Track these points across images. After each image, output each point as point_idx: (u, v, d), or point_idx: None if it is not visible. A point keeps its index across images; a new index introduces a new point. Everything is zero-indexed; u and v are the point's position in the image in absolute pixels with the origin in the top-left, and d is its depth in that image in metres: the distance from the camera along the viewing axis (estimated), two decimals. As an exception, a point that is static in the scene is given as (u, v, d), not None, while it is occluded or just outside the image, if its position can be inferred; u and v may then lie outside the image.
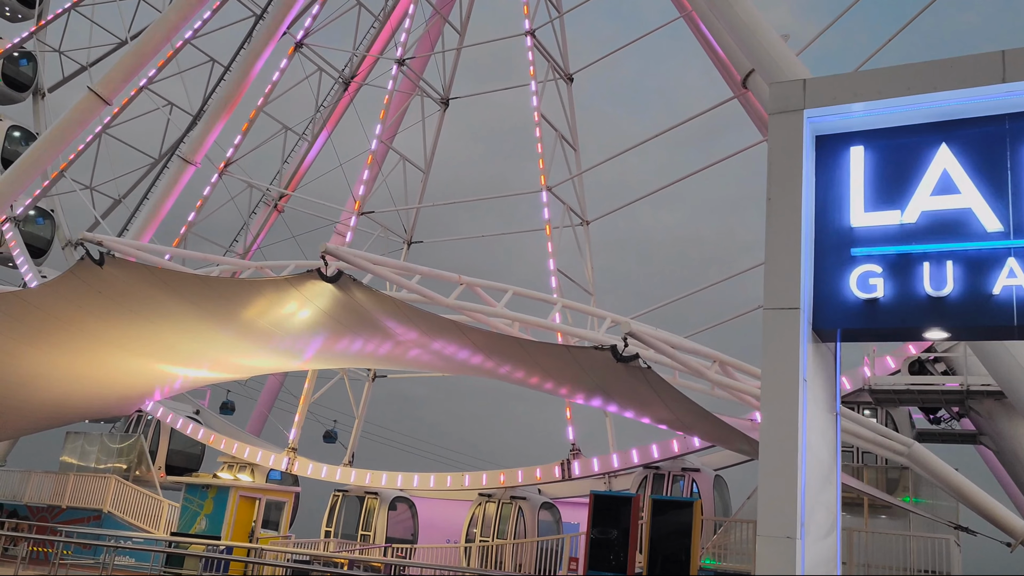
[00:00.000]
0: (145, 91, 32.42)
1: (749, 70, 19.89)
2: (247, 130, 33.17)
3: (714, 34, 21.61)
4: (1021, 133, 7.43)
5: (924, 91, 7.65)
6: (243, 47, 32.75)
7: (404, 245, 33.24)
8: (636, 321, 15.84)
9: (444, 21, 35.49)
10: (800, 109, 8.28)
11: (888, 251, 7.76)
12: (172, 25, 28.89)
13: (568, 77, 32.87)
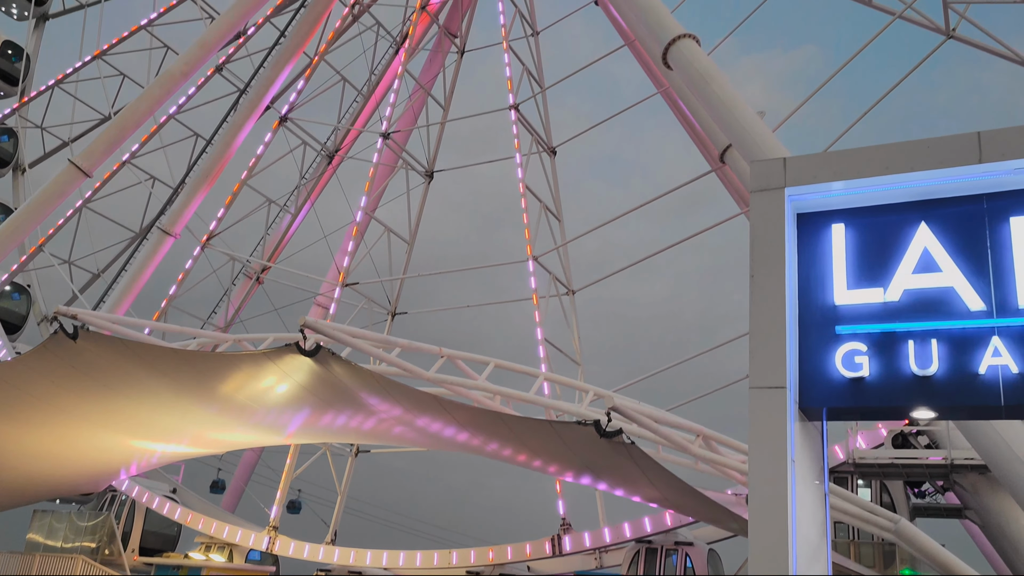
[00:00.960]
0: (127, 165, 32.45)
1: (726, 145, 20.20)
2: (230, 203, 33.18)
3: (691, 110, 21.99)
4: (999, 212, 7.50)
5: (902, 171, 7.73)
6: (225, 120, 32.96)
7: (388, 316, 33.06)
8: (619, 395, 15.67)
9: (428, 95, 36.00)
10: (781, 187, 8.34)
11: (872, 329, 7.74)
12: (155, 99, 29.01)
13: (551, 150, 33.27)
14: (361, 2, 32.73)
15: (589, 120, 32.06)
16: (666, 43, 19.98)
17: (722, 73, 18.81)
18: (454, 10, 33.94)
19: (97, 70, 34.84)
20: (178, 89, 29.74)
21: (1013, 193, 7.46)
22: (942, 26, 24.77)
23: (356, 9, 33.12)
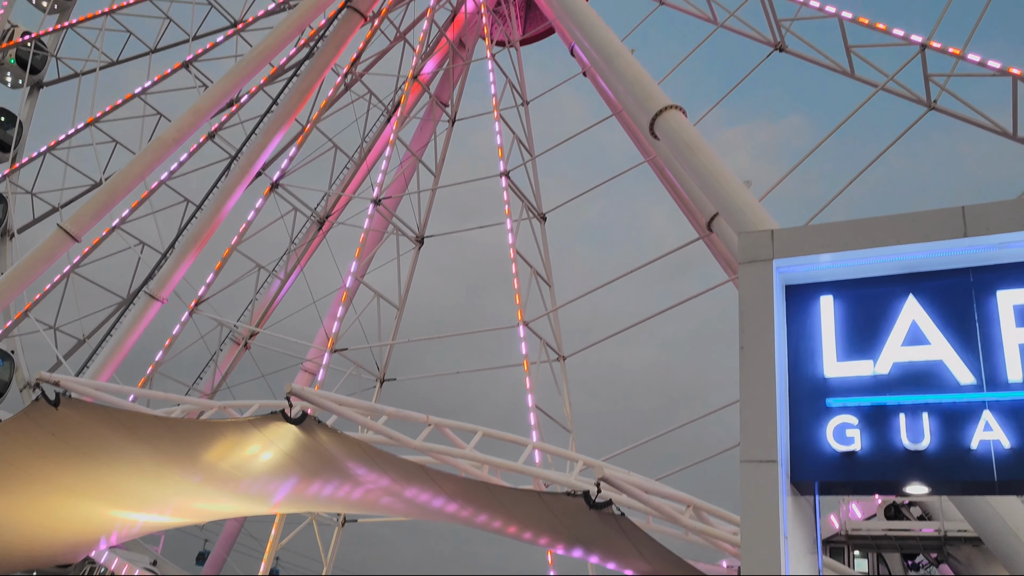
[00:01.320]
0: (117, 230, 32.48)
1: (713, 213, 20.41)
2: (220, 268, 33.15)
3: (678, 179, 22.27)
4: (986, 286, 7.55)
5: (888, 244, 7.80)
6: (216, 186, 33.11)
7: (377, 383, 32.79)
8: (609, 464, 15.49)
9: (419, 162, 36.35)
10: (769, 259, 8.39)
11: (863, 402, 7.71)
12: (146, 165, 29.13)
13: (542, 216, 33.48)
14: (354, 71, 33.27)
15: (578, 187, 32.33)
16: (653, 114, 20.36)
17: (708, 144, 19.12)
18: (445, 80, 34.52)
19: (90, 137, 35.11)
20: (170, 155, 29.92)
21: (999, 267, 7.52)
22: (924, 98, 25.33)
23: (349, 78, 33.63)
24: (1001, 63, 23.63)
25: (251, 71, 30.43)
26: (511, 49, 32.46)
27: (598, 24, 24.51)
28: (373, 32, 33.64)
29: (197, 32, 37.02)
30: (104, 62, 37.96)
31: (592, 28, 24.48)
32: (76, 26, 38.08)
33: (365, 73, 33.84)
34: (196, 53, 35.03)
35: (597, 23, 24.56)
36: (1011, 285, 7.43)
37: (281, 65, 34.04)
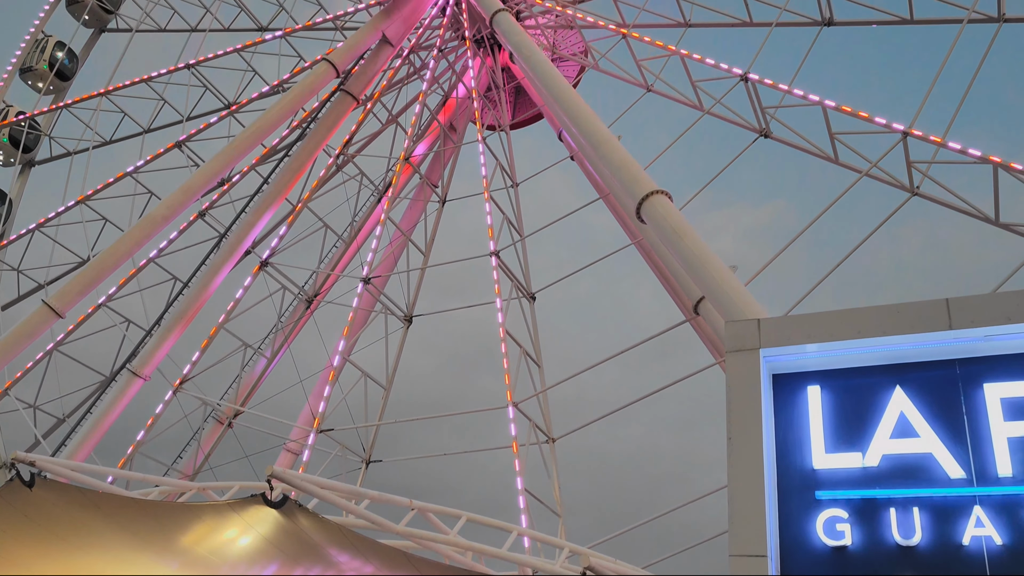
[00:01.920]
0: (103, 308, 32.30)
1: (699, 297, 20.50)
2: (206, 346, 32.87)
3: (664, 262, 22.44)
4: (972, 378, 7.53)
5: (874, 335, 7.81)
6: (204, 263, 33.13)
7: (363, 465, 32.21)
8: (595, 552, 15.16)
9: (409, 241, 36.51)
10: (756, 348, 8.37)
11: (853, 495, 7.60)
12: (135, 241, 29.04)
13: (531, 296, 33.51)
14: (346, 152, 33.70)
15: (567, 267, 32.48)
16: (639, 199, 20.63)
17: (693, 228, 19.33)
18: (435, 161, 34.98)
19: (80, 214, 35.21)
20: (159, 232, 29.93)
21: (985, 359, 7.52)
22: (907, 184, 25.76)
23: (341, 159, 34.05)
24: (981, 151, 24.13)
25: (243, 151, 30.77)
26: (501, 133, 33.02)
27: (585, 111, 25.01)
28: (366, 115, 34.20)
29: (191, 113, 37.58)
30: (97, 141, 38.37)
31: (579, 114, 24.97)
32: (71, 106, 38.61)
33: (357, 154, 34.27)
34: (189, 133, 35.46)
35: (584, 110, 25.06)
36: (997, 378, 7.42)
37: (273, 146, 34.46)
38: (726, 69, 28.07)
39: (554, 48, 33.92)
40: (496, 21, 29.75)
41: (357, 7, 36.79)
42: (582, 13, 31.92)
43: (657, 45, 29.56)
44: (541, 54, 28.32)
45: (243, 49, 37.36)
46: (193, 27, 40.76)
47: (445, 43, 34.46)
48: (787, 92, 27.08)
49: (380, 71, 34.09)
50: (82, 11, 41.94)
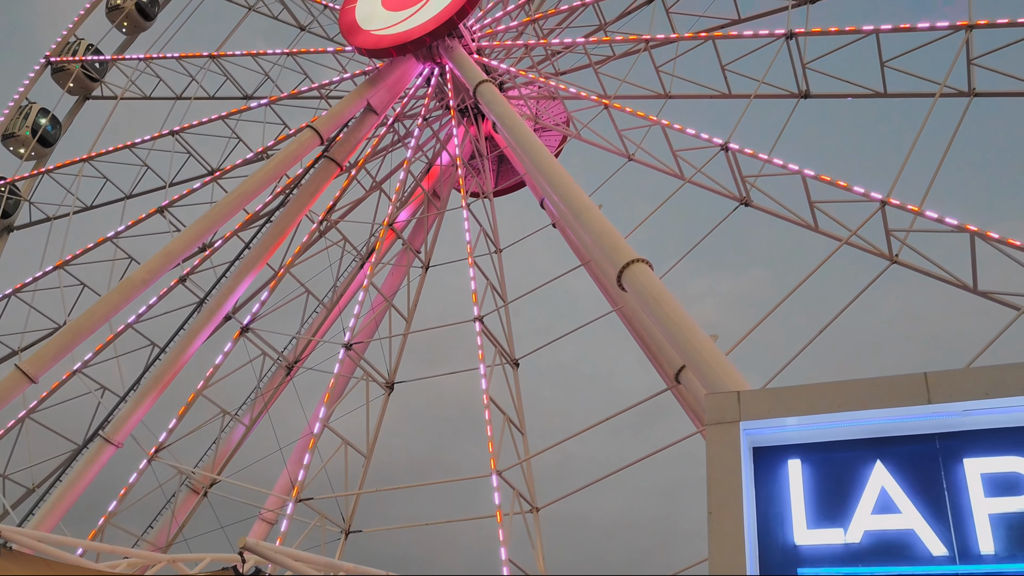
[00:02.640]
0: (78, 374, 31.82)
1: (681, 365, 20.46)
2: (183, 414, 32.31)
3: (645, 330, 22.43)
4: (952, 453, 7.46)
5: (853, 408, 7.75)
6: (182, 328, 32.76)
7: (342, 535, 31.45)
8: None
9: (391, 307, 36.33)
10: (736, 421, 8.27)
11: (835, 572, 7.44)
12: (113, 305, 28.66)
13: (514, 362, 33.26)
14: (329, 218, 33.79)
15: (549, 332, 32.39)
16: (620, 267, 20.75)
17: (674, 297, 19.40)
18: (419, 228, 35.10)
19: (58, 280, 34.95)
20: (137, 296, 29.62)
21: (964, 434, 7.45)
22: (886, 252, 26.01)
23: (324, 225, 34.10)
24: (959, 220, 24.47)
25: (226, 215, 30.75)
26: (485, 200, 33.25)
27: (566, 179, 25.26)
28: (350, 182, 34.40)
29: (174, 179, 37.69)
30: (78, 207, 38.35)
31: (561, 183, 25.20)
32: (52, 172, 38.68)
33: (340, 220, 34.36)
34: (172, 199, 35.49)
35: (565, 178, 25.31)
36: (977, 453, 7.35)
37: (257, 212, 34.50)
38: (707, 139, 28.50)
39: (537, 118, 34.42)
40: (479, 92, 30.19)
41: (343, 76, 37.32)
42: (564, 84, 32.49)
43: (638, 115, 30.04)
44: (523, 124, 28.71)
45: (228, 116, 37.68)
46: (178, 95, 41.18)
47: (430, 112, 34.90)
48: (767, 161, 27.49)
49: (364, 138, 34.39)
50: (67, 79, 42.34)
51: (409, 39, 32.21)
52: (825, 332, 22.72)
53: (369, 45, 33.04)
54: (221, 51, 40.20)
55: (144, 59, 42.10)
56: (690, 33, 31.39)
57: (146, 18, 44.48)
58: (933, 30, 27.08)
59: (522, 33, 34.99)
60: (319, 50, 38.54)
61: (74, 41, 44.06)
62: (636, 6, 34.72)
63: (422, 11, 32.90)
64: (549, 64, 34.23)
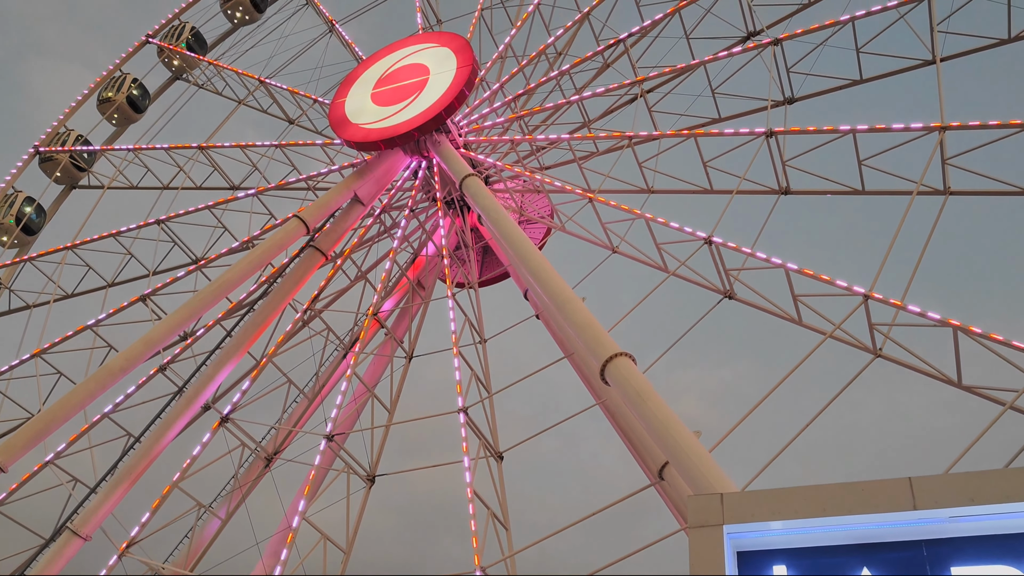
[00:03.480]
0: (50, 465, 31.01)
1: (664, 462, 20.19)
2: (157, 507, 31.38)
3: (628, 425, 22.21)
4: (940, 561, 7.23)
5: (839, 514, 7.54)
6: (159, 417, 32.15)
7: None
8: None
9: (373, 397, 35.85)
10: (719, 524, 8.03)
11: None
12: (88, 393, 27.88)
13: (499, 455, 32.71)
14: (313, 308, 33.66)
15: (531, 424, 32.04)
16: (603, 361, 20.67)
17: (657, 392, 19.26)
18: (403, 318, 35.00)
19: (34, 368, 34.46)
20: (114, 384, 29.00)
21: (950, 541, 7.24)
22: (869, 345, 26.02)
23: (307, 315, 33.93)
24: (941, 314, 24.59)
25: (208, 303, 30.45)
26: (470, 290, 33.28)
27: (549, 272, 25.34)
28: (335, 272, 34.41)
29: (157, 267, 37.64)
30: (59, 295, 38.15)
31: (544, 275, 25.27)
32: (35, 260, 38.60)
33: (324, 310, 34.22)
34: (155, 287, 35.34)
35: (548, 271, 25.39)
36: (964, 561, 7.13)
37: (240, 300, 34.35)
38: (690, 232, 28.81)
39: (522, 210, 34.80)
40: (465, 185, 30.59)
41: (331, 168, 37.79)
42: (549, 178, 32.97)
43: (622, 208, 30.42)
44: (507, 217, 28.98)
45: (215, 206, 37.92)
46: (165, 185, 41.55)
47: (417, 203, 35.24)
48: (750, 255, 27.73)
49: (350, 229, 34.58)
50: (55, 168, 42.71)
51: (398, 133, 32.78)
52: (810, 428, 22.53)
53: (358, 138, 33.58)
54: (210, 142, 40.75)
55: (133, 149, 42.61)
56: (672, 131, 32.05)
57: (137, 111, 45.23)
58: (908, 131, 27.77)
59: (508, 129, 35.67)
60: (308, 143, 39.14)
61: (64, 132, 44.62)
62: (619, 105, 35.67)
63: (411, 106, 33.58)
64: (534, 159, 34.81)
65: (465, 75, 32.98)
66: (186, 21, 47.17)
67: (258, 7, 46.42)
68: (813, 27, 30.97)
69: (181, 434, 31.89)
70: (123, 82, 44.99)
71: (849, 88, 32.10)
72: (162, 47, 46.56)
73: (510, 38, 37.68)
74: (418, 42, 36.71)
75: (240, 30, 47.19)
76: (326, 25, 44.18)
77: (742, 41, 34.49)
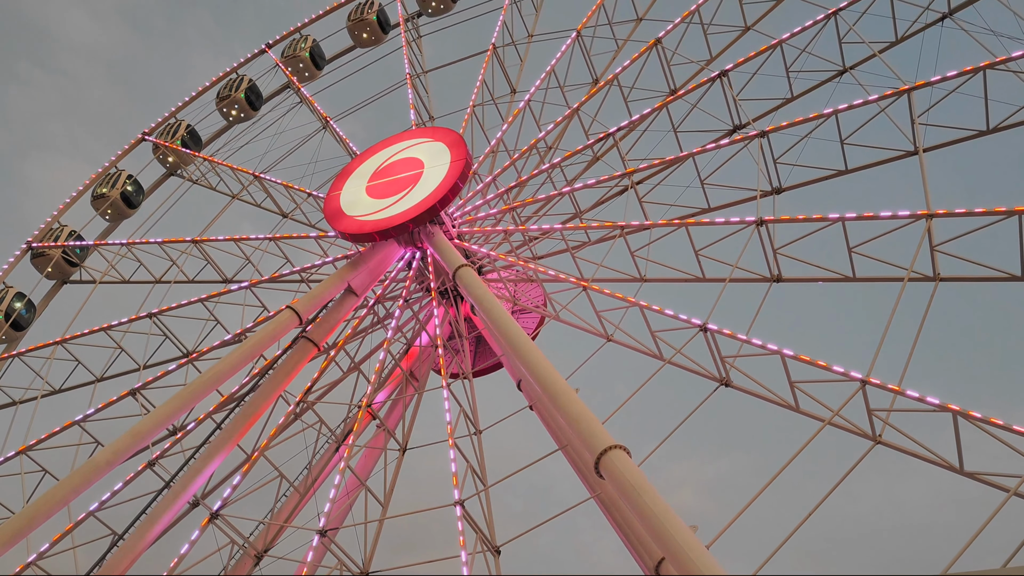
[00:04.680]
0: (32, 566, 30.01)
1: (660, 557, 19.81)
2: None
3: (624, 518, 21.82)
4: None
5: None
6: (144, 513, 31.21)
7: None
8: None
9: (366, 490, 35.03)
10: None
11: None
12: (73, 488, 26.88)
13: (496, 549, 31.83)
14: (306, 400, 33.23)
15: (527, 517, 31.32)
16: (597, 453, 20.39)
17: (653, 485, 18.98)
18: (396, 409, 34.60)
19: (19, 465, 33.77)
20: (100, 479, 28.09)
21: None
22: (868, 432, 25.78)
23: (300, 407, 33.46)
24: (940, 399, 24.43)
25: (198, 396, 29.83)
26: (464, 381, 33.01)
27: (543, 362, 25.06)
28: (329, 363, 34.13)
29: (148, 361, 37.34)
30: (47, 391, 37.71)
31: (537, 366, 25.00)
32: (23, 355, 38.27)
33: (317, 402, 33.80)
34: (145, 381, 34.96)
35: (542, 361, 25.12)
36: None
37: (232, 393, 33.94)
38: (685, 320, 28.83)
39: (515, 299, 34.85)
40: (458, 276, 30.68)
41: (324, 260, 37.96)
42: (543, 267, 33.13)
43: (616, 296, 30.51)
44: (500, 307, 28.95)
45: (207, 299, 37.90)
46: (158, 279, 41.61)
47: (411, 294, 35.28)
48: (745, 342, 27.72)
49: (343, 320, 34.49)
50: (47, 264, 42.80)
51: (393, 224, 33.09)
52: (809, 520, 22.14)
53: (353, 230, 33.84)
54: (204, 236, 41.01)
55: (126, 244, 42.82)
56: (664, 220, 32.44)
57: (130, 207, 45.70)
58: (896, 218, 28.14)
59: (500, 219, 36.03)
60: (301, 235, 39.43)
61: (57, 227, 44.91)
62: (610, 196, 36.14)
63: (406, 198, 33.97)
64: (527, 248, 35.04)
65: (459, 168, 33.50)
66: (182, 119, 48.08)
67: (253, 105, 47.43)
68: (798, 120, 31.68)
69: (168, 531, 30.99)
70: (118, 178, 45.56)
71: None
72: (157, 144, 47.33)
73: (502, 133, 38.44)
74: (413, 137, 37.41)
75: (236, 127, 48.08)
76: (320, 122, 45.06)
77: (729, 134, 35.23)
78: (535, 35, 43.44)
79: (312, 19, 49.11)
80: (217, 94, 47.74)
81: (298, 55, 47.32)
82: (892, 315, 26.42)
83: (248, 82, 47.17)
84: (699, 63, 37.81)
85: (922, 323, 26.14)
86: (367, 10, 47.45)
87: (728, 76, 34.38)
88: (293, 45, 48.00)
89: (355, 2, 48.35)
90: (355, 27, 47.70)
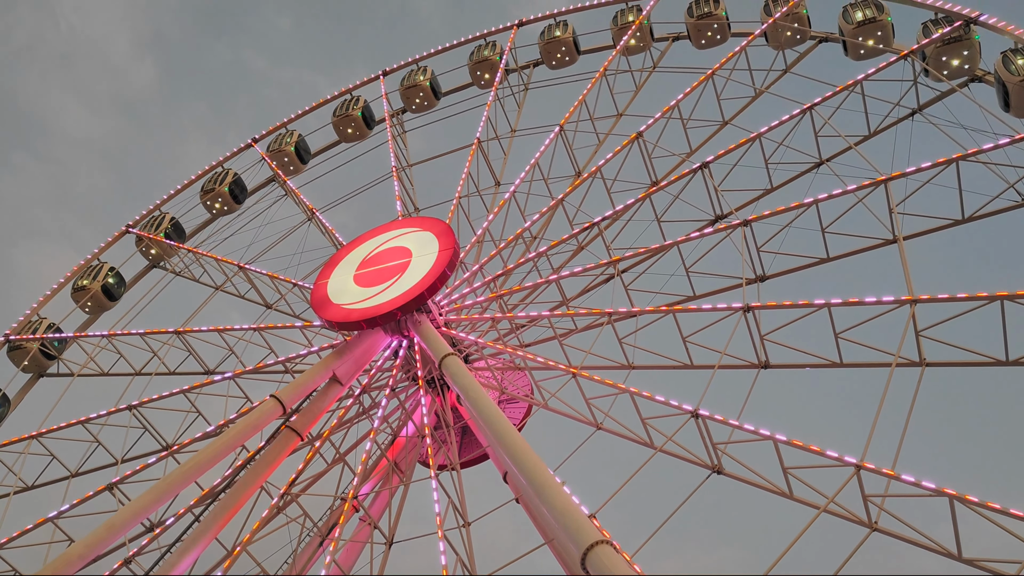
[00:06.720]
0: None
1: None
2: None
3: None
4: None
5: None
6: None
7: None
8: None
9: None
10: None
11: None
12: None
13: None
14: (290, 492, 32.31)
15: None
16: (583, 549, 19.85)
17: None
18: (382, 501, 33.72)
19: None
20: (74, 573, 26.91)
21: None
22: (864, 518, 25.41)
23: (283, 499, 32.48)
24: (936, 483, 24.25)
25: (177, 487, 28.75)
26: (452, 472, 32.39)
27: (528, 454, 24.38)
28: (314, 454, 33.37)
29: (126, 455, 36.32)
30: (19, 487, 36.47)
31: (522, 458, 24.30)
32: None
33: (301, 494, 32.85)
34: (124, 475, 33.90)
35: (527, 453, 24.43)
36: None
37: (214, 487, 32.93)
38: (676, 406, 28.65)
39: (503, 388, 34.56)
40: (444, 364, 30.40)
41: (309, 350, 37.58)
42: (532, 354, 33.00)
43: (606, 383, 30.32)
44: (486, 397, 28.56)
45: (189, 391, 37.22)
46: (138, 371, 40.90)
47: (397, 383, 34.89)
48: (737, 427, 27.55)
49: (327, 410, 33.93)
50: (23, 357, 42.02)
51: (380, 313, 32.96)
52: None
53: (339, 318, 33.66)
54: (186, 327, 40.58)
55: (107, 336, 42.21)
56: (651, 307, 32.59)
57: (111, 299, 45.29)
58: (880, 304, 28.51)
59: (487, 308, 36.05)
60: (286, 325, 39.12)
61: (36, 320, 44.28)
62: (596, 284, 36.38)
63: (392, 287, 33.97)
64: (514, 336, 34.98)
65: (447, 257, 33.68)
66: (167, 212, 48.21)
67: (236, 198, 47.82)
68: (780, 209, 32.33)
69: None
70: (100, 270, 45.27)
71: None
72: (140, 236, 47.29)
73: (487, 223, 38.83)
74: (402, 226, 37.71)
75: (222, 218, 48.28)
76: (306, 214, 45.39)
77: (711, 223, 35.86)
78: (518, 130, 44.39)
79: (298, 115, 50.09)
80: (202, 187, 48.11)
81: (283, 149, 48.01)
82: (882, 401, 26.47)
83: (232, 176, 47.67)
84: (680, 155, 38.76)
85: (911, 409, 26.18)
86: (352, 107, 48.55)
87: (709, 167, 35.23)
88: (279, 139, 48.75)
89: (340, 99, 49.47)
90: (340, 123, 48.71)
